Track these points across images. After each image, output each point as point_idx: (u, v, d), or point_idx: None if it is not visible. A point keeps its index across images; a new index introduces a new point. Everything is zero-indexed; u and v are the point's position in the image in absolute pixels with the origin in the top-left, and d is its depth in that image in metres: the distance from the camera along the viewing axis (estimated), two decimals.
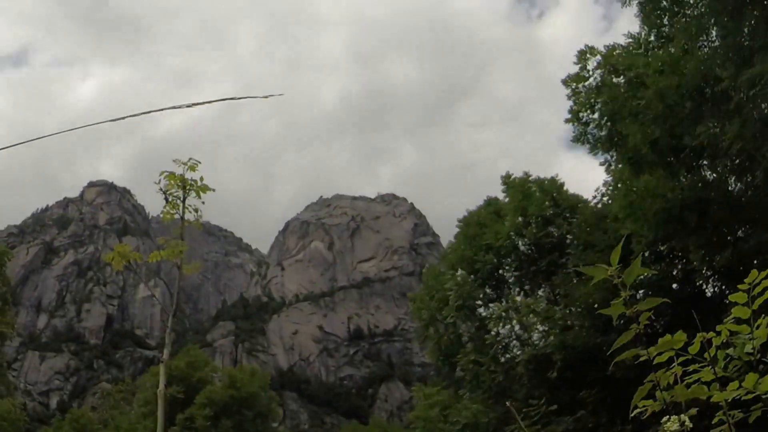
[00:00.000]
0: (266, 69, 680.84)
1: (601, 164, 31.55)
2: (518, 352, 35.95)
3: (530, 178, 39.46)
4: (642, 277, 28.03)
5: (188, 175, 5.02)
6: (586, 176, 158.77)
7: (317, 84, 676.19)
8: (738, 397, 3.38)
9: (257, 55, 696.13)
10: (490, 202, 41.21)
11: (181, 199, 5.08)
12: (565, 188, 39.14)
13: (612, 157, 30.82)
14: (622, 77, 28.22)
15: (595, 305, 28.59)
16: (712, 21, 22.47)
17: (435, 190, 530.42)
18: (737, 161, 24.29)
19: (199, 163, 5.00)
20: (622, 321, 3.41)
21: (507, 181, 39.72)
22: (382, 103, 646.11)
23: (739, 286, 3.42)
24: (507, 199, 39.71)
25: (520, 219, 37.53)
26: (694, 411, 3.35)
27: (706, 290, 30.29)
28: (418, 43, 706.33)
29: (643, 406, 3.39)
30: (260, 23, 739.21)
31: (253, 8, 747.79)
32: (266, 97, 3.86)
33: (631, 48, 28.40)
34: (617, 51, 29.03)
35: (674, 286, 30.43)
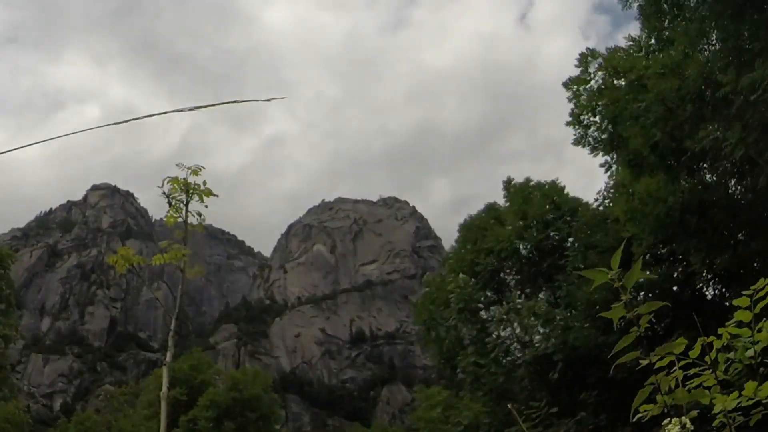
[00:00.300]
0: (322, 111, 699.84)
1: (602, 166, 31.57)
2: (519, 354, 35.94)
3: (531, 183, 39.58)
4: (642, 279, 27.92)
5: (191, 179, 5.05)
6: None
7: (367, 123, 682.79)
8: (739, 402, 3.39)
9: (315, 98, 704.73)
10: (491, 208, 41.26)
11: (185, 202, 5.11)
12: (565, 191, 39.21)
13: (613, 159, 30.81)
14: (623, 80, 28.17)
15: (596, 306, 28.55)
16: (713, 25, 22.43)
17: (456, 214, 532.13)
18: (738, 165, 24.25)
19: (203, 167, 5.03)
20: (622, 323, 3.42)
21: (508, 186, 39.81)
22: (428, 141, 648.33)
23: (744, 292, 3.44)
24: (508, 204, 39.78)
25: (520, 222, 37.57)
26: (695, 413, 3.36)
27: (707, 293, 30.27)
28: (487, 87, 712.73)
29: (644, 411, 3.40)
30: (318, 67, 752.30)
31: (310, 53, 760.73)
32: (268, 100, 3.94)
33: (632, 51, 28.36)
34: (618, 54, 28.99)
35: (675, 288, 30.37)
